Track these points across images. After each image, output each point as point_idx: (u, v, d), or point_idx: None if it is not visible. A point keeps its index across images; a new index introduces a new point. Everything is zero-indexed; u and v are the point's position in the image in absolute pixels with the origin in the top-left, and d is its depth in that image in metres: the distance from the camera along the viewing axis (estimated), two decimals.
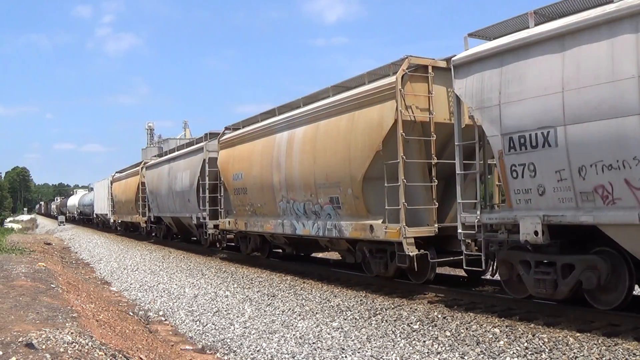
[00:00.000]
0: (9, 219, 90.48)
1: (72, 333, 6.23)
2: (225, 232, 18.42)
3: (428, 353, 7.03)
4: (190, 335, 9.32)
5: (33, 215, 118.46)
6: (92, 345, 5.94)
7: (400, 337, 7.82)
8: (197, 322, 10.03)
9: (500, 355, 6.68)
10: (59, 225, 59.59)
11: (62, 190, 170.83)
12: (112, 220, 38.35)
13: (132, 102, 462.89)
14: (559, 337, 7.15)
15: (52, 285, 10.47)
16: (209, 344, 8.60)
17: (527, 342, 7.04)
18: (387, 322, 8.67)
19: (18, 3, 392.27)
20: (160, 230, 27.54)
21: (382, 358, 7.03)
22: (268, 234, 15.54)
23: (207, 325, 9.67)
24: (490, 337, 7.42)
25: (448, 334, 7.73)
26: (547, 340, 7.02)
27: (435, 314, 8.86)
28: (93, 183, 51.93)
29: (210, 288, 13.03)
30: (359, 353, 7.26)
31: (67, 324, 6.78)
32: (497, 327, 7.85)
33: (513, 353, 6.72)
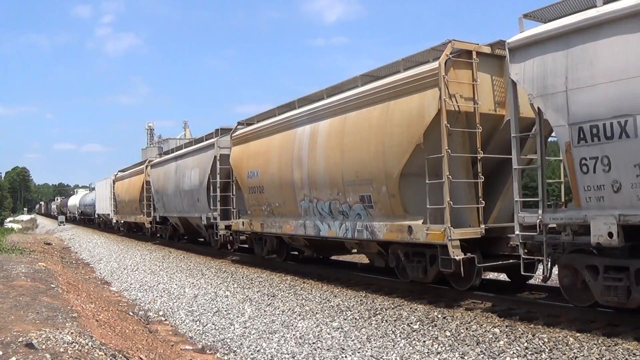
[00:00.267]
0: (9, 219, 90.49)
1: (72, 333, 6.22)
2: (238, 233, 17.56)
3: (428, 353, 7.03)
4: (190, 335, 9.32)
5: (33, 215, 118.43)
6: (92, 345, 5.93)
7: (400, 337, 7.82)
8: (197, 322, 10.03)
9: (500, 355, 6.68)
10: (59, 225, 59.60)
11: (62, 190, 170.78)
12: (114, 221, 37.61)
13: (132, 102, 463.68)
14: (559, 337, 7.15)
15: (52, 285, 10.47)
16: (209, 344, 8.60)
17: (527, 342, 7.04)
18: (387, 322, 8.67)
19: (18, 3, 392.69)
20: (166, 231, 26.54)
21: (382, 358, 7.03)
22: (287, 236, 14.57)
23: (207, 325, 9.67)
24: (490, 337, 7.42)
25: (448, 334, 7.73)
26: (547, 340, 7.02)
27: (435, 314, 8.85)
28: (95, 182, 51.41)
29: (210, 288, 13.02)
30: (359, 353, 7.26)
31: (67, 324, 6.78)
32: (497, 327, 7.85)
33: (513, 353, 6.71)
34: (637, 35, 6.66)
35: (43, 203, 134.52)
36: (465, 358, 6.74)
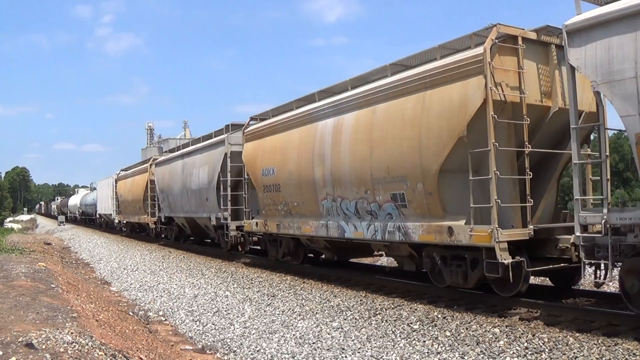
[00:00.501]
0: (9, 219, 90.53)
1: (72, 333, 6.22)
2: (251, 234, 16.70)
3: (428, 353, 7.03)
4: (190, 335, 9.32)
5: (33, 215, 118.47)
6: (92, 345, 5.94)
7: (400, 337, 7.82)
8: (197, 322, 10.03)
9: (500, 355, 6.68)
10: (59, 225, 59.59)
11: (62, 190, 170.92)
12: (116, 221, 36.71)
13: (132, 102, 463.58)
14: (559, 337, 7.15)
15: (52, 285, 10.47)
16: (209, 344, 8.60)
17: (527, 342, 7.04)
18: (387, 322, 8.67)
19: (18, 3, 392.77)
20: (172, 232, 25.50)
21: (382, 358, 7.03)
22: (306, 237, 13.61)
23: (207, 325, 9.67)
24: (490, 337, 7.42)
25: (448, 334, 7.73)
26: (547, 340, 7.02)
27: (435, 314, 8.86)
28: (96, 182, 50.17)
29: (210, 288, 13.02)
30: (359, 353, 7.26)
31: (67, 324, 6.78)
32: (497, 327, 7.84)
33: (513, 353, 6.71)
34: None
35: (43, 203, 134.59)
36: (465, 358, 6.74)
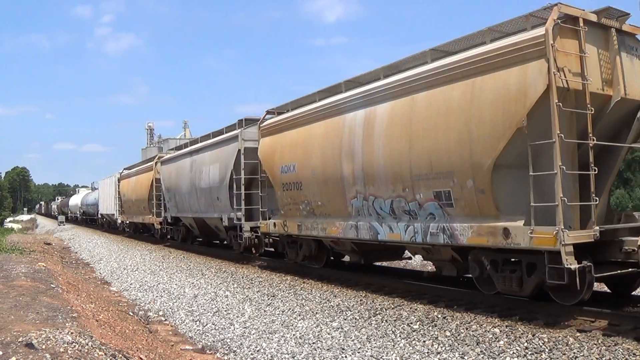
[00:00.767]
0: (9, 219, 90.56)
1: (72, 333, 6.22)
2: (267, 235, 15.80)
3: (428, 353, 7.03)
4: (190, 335, 9.32)
5: (33, 215, 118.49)
6: (92, 345, 5.94)
7: (400, 337, 7.82)
8: (197, 322, 10.03)
9: (500, 355, 6.68)
10: (59, 226, 59.54)
11: (62, 190, 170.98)
12: (119, 221, 35.72)
13: (132, 102, 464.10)
14: (559, 337, 7.15)
15: (52, 285, 10.47)
16: (209, 344, 8.60)
17: (527, 342, 7.04)
18: (387, 322, 8.67)
19: (18, 3, 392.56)
20: (179, 233, 24.37)
21: (382, 358, 7.03)
22: (331, 239, 12.66)
23: (207, 325, 9.67)
24: (490, 337, 7.42)
25: (448, 334, 7.73)
26: (547, 340, 7.02)
27: (435, 314, 8.85)
28: (97, 181, 49.70)
29: (210, 288, 13.03)
30: (359, 353, 7.26)
31: (67, 324, 6.78)
32: (497, 327, 7.84)
33: (513, 353, 6.72)
34: None
35: (43, 203, 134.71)
36: (465, 358, 6.74)
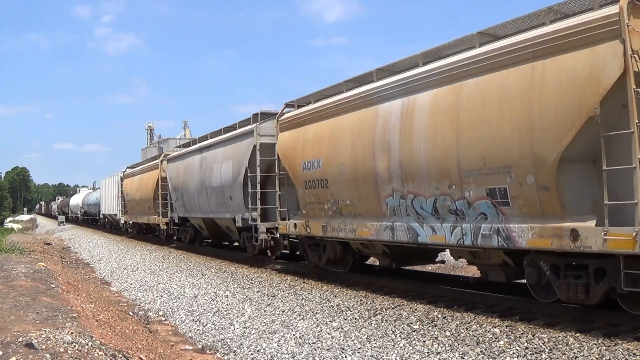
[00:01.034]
0: (9, 219, 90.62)
1: (72, 333, 6.23)
2: (285, 237, 14.83)
3: (428, 353, 7.03)
4: (190, 335, 9.33)
5: (33, 216, 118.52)
6: (92, 345, 5.94)
7: (400, 337, 7.82)
8: (197, 322, 10.03)
9: (500, 355, 6.68)
10: (59, 226, 59.51)
11: (62, 190, 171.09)
12: (122, 221, 34.75)
13: (132, 102, 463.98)
14: (559, 337, 7.15)
15: (52, 285, 10.47)
16: (209, 344, 8.60)
17: (527, 342, 7.05)
18: (387, 322, 8.67)
19: (18, 3, 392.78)
20: (186, 234, 23.28)
21: (382, 358, 7.03)
22: (361, 242, 11.76)
23: (207, 325, 9.67)
24: (490, 337, 7.42)
25: (448, 334, 7.73)
26: (547, 340, 7.03)
27: (435, 314, 8.85)
28: (99, 180, 48.37)
29: (210, 288, 13.03)
30: (359, 353, 7.27)
31: (67, 324, 6.78)
32: (497, 327, 7.85)
33: (513, 353, 6.72)
34: None
35: (43, 203, 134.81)
36: (465, 358, 6.74)
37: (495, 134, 8.12)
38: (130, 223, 33.08)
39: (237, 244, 19.79)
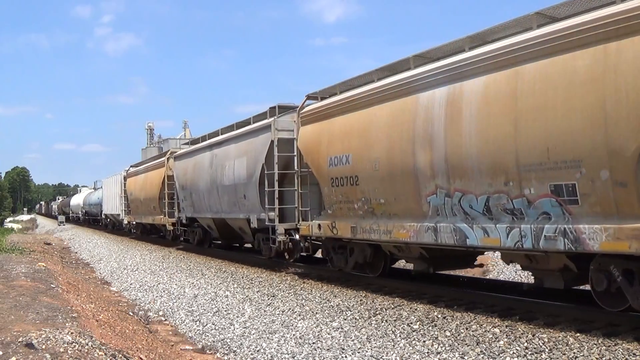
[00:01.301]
0: (9, 219, 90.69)
1: (72, 333, 6.23)
2: (307, 239, 13.61)
3: (428, 353, 7.03)
4: (190, 335, 9.33)
5: (33, 216, 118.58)
6: (92, 345, 5.94)
7: (400, 337, 7.82)
8: (197, 322, 10.04)
9: (500, 355, 6.69)
10: (59, 226, 59.51)
11: (62, 190, 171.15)
12: (125, 222, 33.58)
13: (132, 102, 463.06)
14: (559, 337, 7.15)
15: (52, 285, 10.48)
16: (209, 344, 8.60)
17: (527, 342, 7.05)
18: (387, 322, 8.68)
19: (18, 3, 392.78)
20: (194, 235, 22.17)
21: (382, 358, 7.03)
22: (396, 244, 10.70)
23: (207, 325, 9.68)
24: (490, 337, 7.42)
25: (448, 334, 7.73)
26: (547, 340, 7.03)
27: (435, 314, 8.86)
28: (101, 180, 47.56)
29: (210, 288, 13.03)
30: (359, 353, 7.27)
31: (67, 324, 6.78)
32: (497, 327, 7.85)
33: (513, 353, 6.72)
34: None
35: (43, 203, 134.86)
36: (465, 358, 6.74)
37: (562, 124, 7.22)
38: (134, 223, 32.10)
39: (249, 246, 19.25)
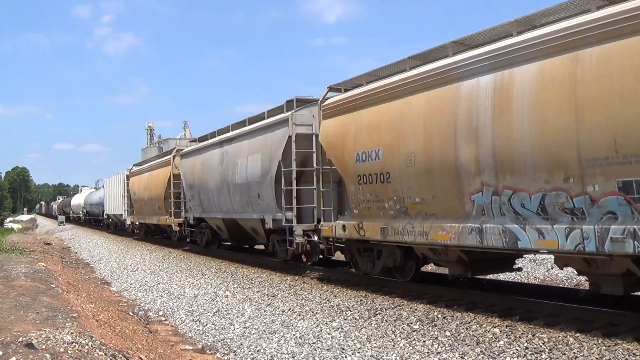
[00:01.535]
0: (9, 219, 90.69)
1: (72, 333, 6.23)
2: (329, 240, 12.65)
3: (428, 353, 7.03)
4: (190, 335, 9.33)
5: (33, 216, 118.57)
6: (92, 345, 5.94)
7: (400, 337, 7.82)
8: (197, 322, 10.04)
9: (500, 355, 6.69)
10: (59, 226, 59.50)
11: (62, 190, 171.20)
12: (128, 222, 32.59)
13: (132, 102, 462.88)
14: (559, 337, 7.15)
15: (52, 285, 10.48)
16: (209, 344, 8.60)
17: (527, 342, 7.05)
18: (387, 322, 8.67)
19: (18, 3, 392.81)
20: (202, 236, 21.14)
21: (382, 358, 7.03)
22: (435, 247, 9.75)
23: (207, 325, 9.68)
24: (490, 337, 7.42)
25: (448, 334, 7.73)
26: (547, 340, 7.03)
27: (435, 314, 8.86)
28: (103, 179, 46.58)
29: (210, 288, 13.03)
30: (359, 353, 7.27)
31: (67, 324, 6.78)
32: (497, 327, 7.85)
33: (513, 353, 6.72)
34: None
35: (43, 203, 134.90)
36: (465, 358, 6.74)
37: (632, 114, 6.57)
38: (137, 224, 31.06)
39: (261, 248, 18.75)
